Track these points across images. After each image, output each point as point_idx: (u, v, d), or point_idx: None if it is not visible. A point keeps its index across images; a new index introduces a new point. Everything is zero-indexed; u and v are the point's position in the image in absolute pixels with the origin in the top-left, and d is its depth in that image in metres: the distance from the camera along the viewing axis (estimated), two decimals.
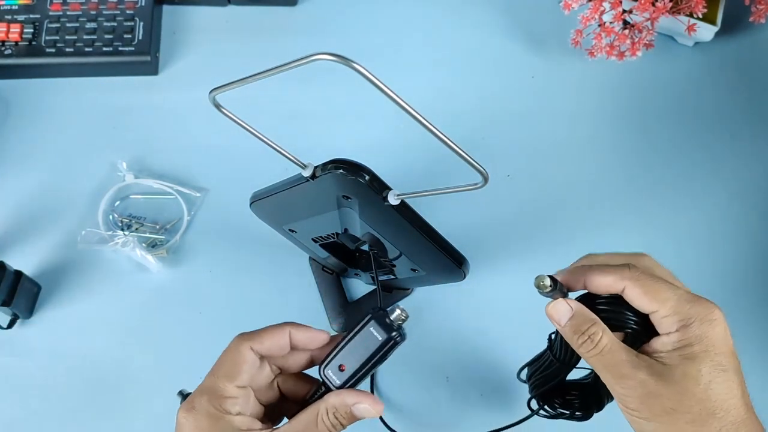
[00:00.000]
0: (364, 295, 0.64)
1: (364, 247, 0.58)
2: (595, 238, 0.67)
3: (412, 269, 0.54)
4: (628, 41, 0.69)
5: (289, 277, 0.65)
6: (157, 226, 0.66)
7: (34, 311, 0.62)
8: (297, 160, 0.43)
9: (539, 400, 0.47)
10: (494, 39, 0.78)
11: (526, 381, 0.48)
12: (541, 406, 0.48)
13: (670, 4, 0.67)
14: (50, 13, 0.73)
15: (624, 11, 0.68)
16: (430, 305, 0.63)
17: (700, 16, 0.70)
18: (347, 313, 0.63)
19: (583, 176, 0.71)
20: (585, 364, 0.41)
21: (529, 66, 0.76)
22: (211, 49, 0.76)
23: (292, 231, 0.56)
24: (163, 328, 0.62)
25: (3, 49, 0.71)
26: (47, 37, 0.72)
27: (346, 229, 0.51)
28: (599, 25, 0.70)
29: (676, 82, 0.76)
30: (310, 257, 0.64)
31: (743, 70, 0.77)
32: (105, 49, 0.72)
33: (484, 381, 0.61)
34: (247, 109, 0.42)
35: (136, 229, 0.66)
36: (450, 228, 0.50)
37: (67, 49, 0.72)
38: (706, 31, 0.73)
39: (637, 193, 0.70)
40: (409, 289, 0.64)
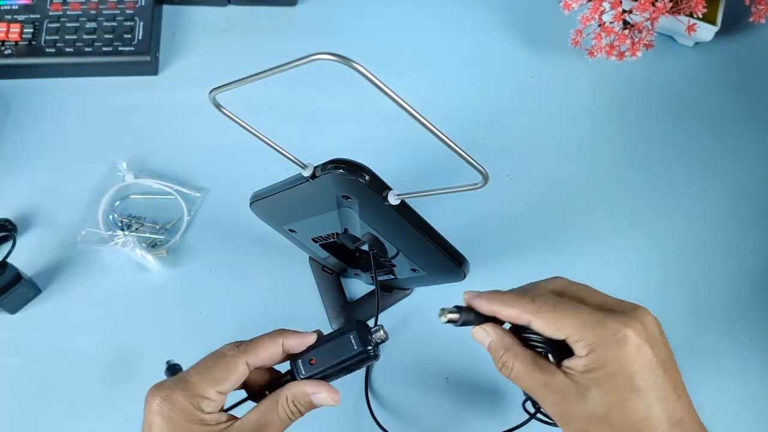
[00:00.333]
0: (364, 295, 0.64)
1: (364, 247, 0.58)
2: (596, 238, 0.67)
3: (411, 269, 0.54)
4: (628, 41, 0.69)
5: (289, 277, 0.65)
6: (157, 226, 0.66)
7: (20, 310, 0.62)
8: (297, 160, 0.43)
9: (534, 403, 0.47)
10: (494, 39, 0.78)
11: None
12: (537, 409, 0.47)
13: (670, 4, 0.67)
14: (50, 13, 0.73)
15: (624, 11, 0.68)
16: (430, 305, 0.63)
17: (700, 16, 0.70)
18: (347, 313, 0.63)
19: (583, 176, 0.71)
20: None
21: (529, 66, 0.76)
22: (211, 49, 0.76)
23: (292, 231, 0.56)
24: (163, 328, 0.63)
25: (3, 49, 0.71)
26: (47, 37, 0.72)
27: (346, 229, 0.51)
28: (599, 25, 0.69)
29: (676, 82, 0.76)
30: (310, 257, 0.64)
31: (743, 70, 0.77)
32: (105, 49, 0.72)
33: (484, 382, 0.61)
34: (247, 109, 0.42)
35: (136, 229, 0.66)
36: (450, 228, 0.50)
37: (67, 49, 0.72)
38: (706, 31, 0.73)
39: (637, 193, 0.70)
40: (409, 289, 0.64)
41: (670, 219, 0.69)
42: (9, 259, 0.60)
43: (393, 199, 0.43)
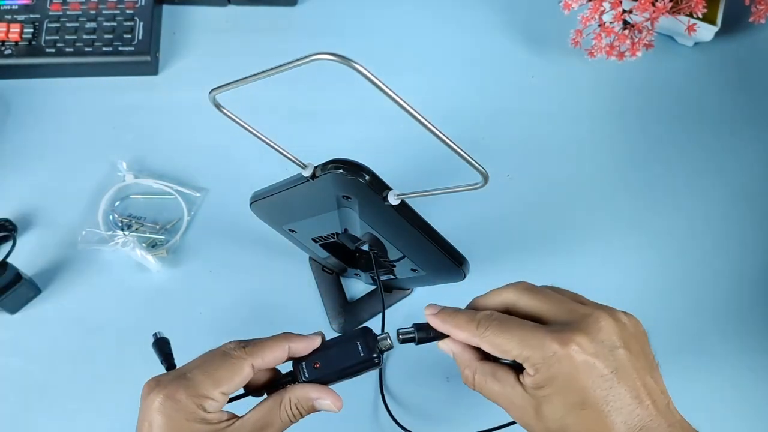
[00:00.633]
0: (364, 295, 0.64)
1: (364, 247, 0.58)
2: (595, 238, 0.67)
3: (412, 269, 0.54)
4: (628, 41, 0.69)
5: (289, 277, 0.65)
6: (157, 226, 0.66)
7: (20, 310, 0.62)
8: (297, 160, 0.43)
9: None
10: (494, 39, 0.78)
11: None
12: None
13: (670, 4, 0.67)
14: (50, 13, 0.73)
15: (624, 11, 0.68)
16: None
17: (700, 16, 0.70)
18: (347, 313, 0.63)
19: (583, 176, 0.71)
20: None
21: (529, 66, 0.76)
22: (211, 49, 0.76)
23: (292, 231, 0.56)
24: (163, 328, 0.62)
25: (3, 49, 0.71)
26: (47, 37, 0.72)
27: (346, 229, 0.51)
28: (599, 25, 0.69)
29: (676, 82, 0.76)
30: (310, 257, 0.64)
31: (743, 70, 0.77)
32: (105, 49, 0.72)
33: None
34: (247, 109, 0.42)
35: (136, 229, 0.66)
36: (450, 228, 0.50)
37: (67, 49, 0.72)
38: (706, 31, 0.73)
39: (637, 193, 0.70)
40: (409, 289, 0.64)
41: (670, 219, 0.69)
42: (9, 259, 0.60)
43: (393, 199, 0.43)
